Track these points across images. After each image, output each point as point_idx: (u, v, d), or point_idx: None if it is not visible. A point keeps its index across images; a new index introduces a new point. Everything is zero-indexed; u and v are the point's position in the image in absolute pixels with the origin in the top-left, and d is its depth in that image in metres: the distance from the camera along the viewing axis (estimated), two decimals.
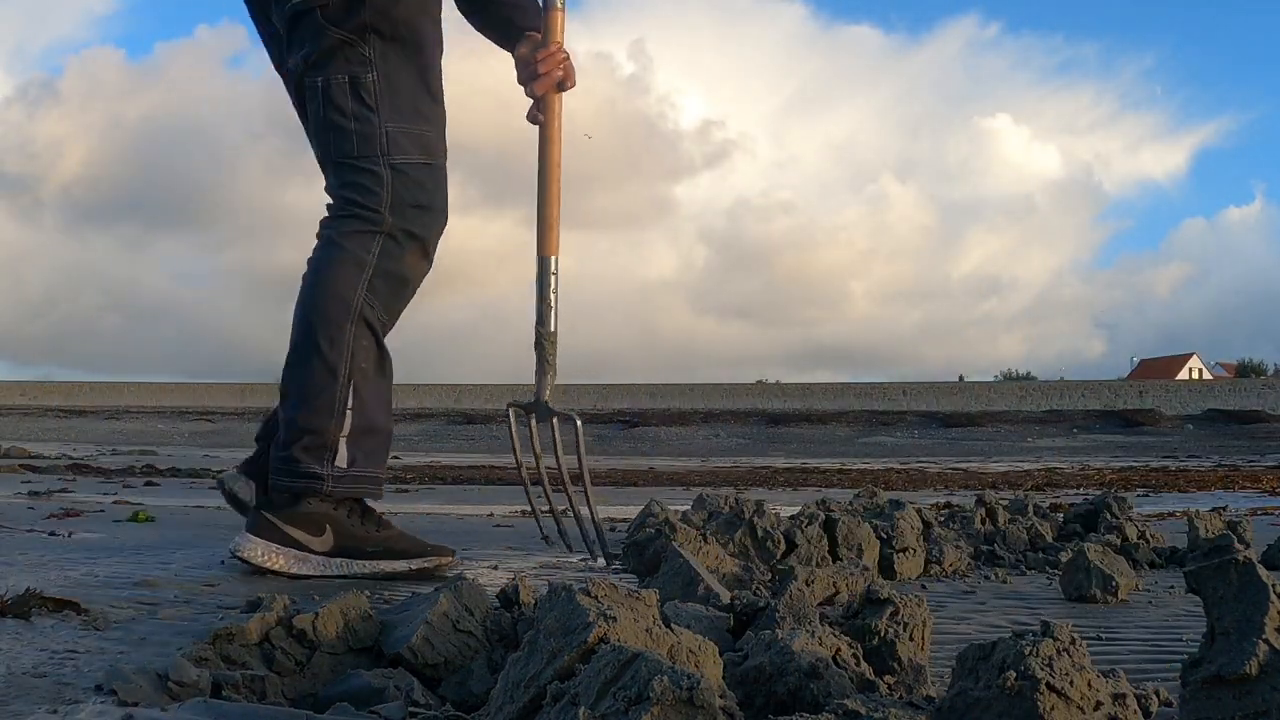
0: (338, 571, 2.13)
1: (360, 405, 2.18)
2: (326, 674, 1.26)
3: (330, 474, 2.14)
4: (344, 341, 2.15)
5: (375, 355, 2.21)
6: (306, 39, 2.18)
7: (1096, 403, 20.81)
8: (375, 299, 2.18)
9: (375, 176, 2.16)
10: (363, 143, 2.17)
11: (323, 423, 2.14)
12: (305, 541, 2.12)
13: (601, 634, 0.96)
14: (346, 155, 2.18)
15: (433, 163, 2.23)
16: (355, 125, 2.17)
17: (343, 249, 2.17)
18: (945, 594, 2.15)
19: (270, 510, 2.14)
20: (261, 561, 2.09)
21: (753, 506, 2.38)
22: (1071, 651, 0.88)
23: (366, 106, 2.16)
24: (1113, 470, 8.92)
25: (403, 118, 2.18)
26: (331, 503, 2.15)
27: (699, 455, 15.77)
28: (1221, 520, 2.81)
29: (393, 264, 2.19)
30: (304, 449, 2.14)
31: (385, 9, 2.15)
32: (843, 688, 1.03)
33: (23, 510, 3.61)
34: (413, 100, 2.20)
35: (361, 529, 2.19)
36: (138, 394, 26.90)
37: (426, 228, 2.22)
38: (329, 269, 2.17)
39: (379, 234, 2.17)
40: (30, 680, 1.20)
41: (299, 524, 2.13)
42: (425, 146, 2.22)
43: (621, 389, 23.63)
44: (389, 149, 2.17)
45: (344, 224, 2.19)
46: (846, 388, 23.59)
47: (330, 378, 2.15)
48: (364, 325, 2.17)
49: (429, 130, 2.23)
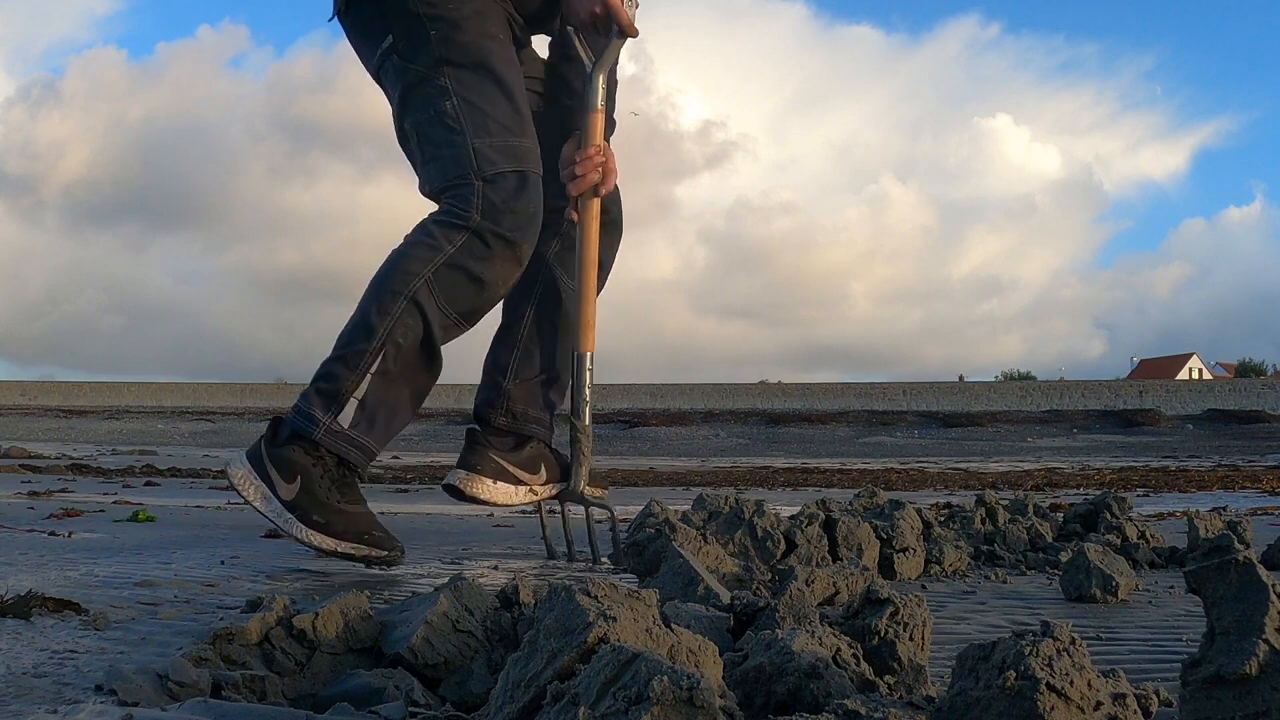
0: (283, 525, 2.15)
1: (383, 376, 2.21)
2: (326, 674, 1.26)
3: (327, 424, 2.18)
4: (391, 312, 2.21)
5: (419, 340, 2.23)
6: (393, 82, 2.32)
7: (1096, 403, 20.81)
8: (438, 288, 2.22)
9: (469, 188, 2.23)
10: (454, 165, 2.25)
11: (342, 372, 2.20)
12: (275, 482, 2.17)
13: (601, 634, 0.96)
14: (446, 179, 2.26)
15: (524, 170, 2.27)
16: (447, 151, 2.26)
17: (427, 231, 2.25)
18: (945, 594, 2.15)
19: (267, 444, 2.22)
20: (239, 484, 2.19)
21: (753, 506, 2.38)
22: (1071, 651, 0.88)
23: (453, 131, 2.24)
24: (1113, 470, 8.92)
25: (488, 134, 2.25)
26: (314, 457, 2.18)
27: (699, 455, 15.77)
28: (1221, 520, 2.81)
29: (473, 262, 2.23)
30: (317, 391, 2.21)
31: (449, 38, 2.25)
32: (843, 688, 1.03)
33: (23, 510, 3.61)
34: (495, 116, 2.26)
35: (325, 494, 2.18)
36: (138, 394, 26.90)
37: (518, 230, 2.25)
38: (408, 246, 2.26)
39: (467, 230, 2.23)
40: (30, 680, 1.20)
41: (277, 465, 2.18)
42: (515, 156, 2.27)
43: (621, 389, 23.62)
44: (479, 165, 2.24)
45: (437, 216, 2.27)
46: (846, 388, 23.59)
47: (366, 337, 2.21)
48: (414, 306, 2.21)
49: (516, 141, 2.28)
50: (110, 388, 27.60)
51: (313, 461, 2.18)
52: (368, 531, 2.20)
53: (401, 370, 2.23)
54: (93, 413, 23.76)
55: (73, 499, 4.34)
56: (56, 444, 15.30)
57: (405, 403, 2.27)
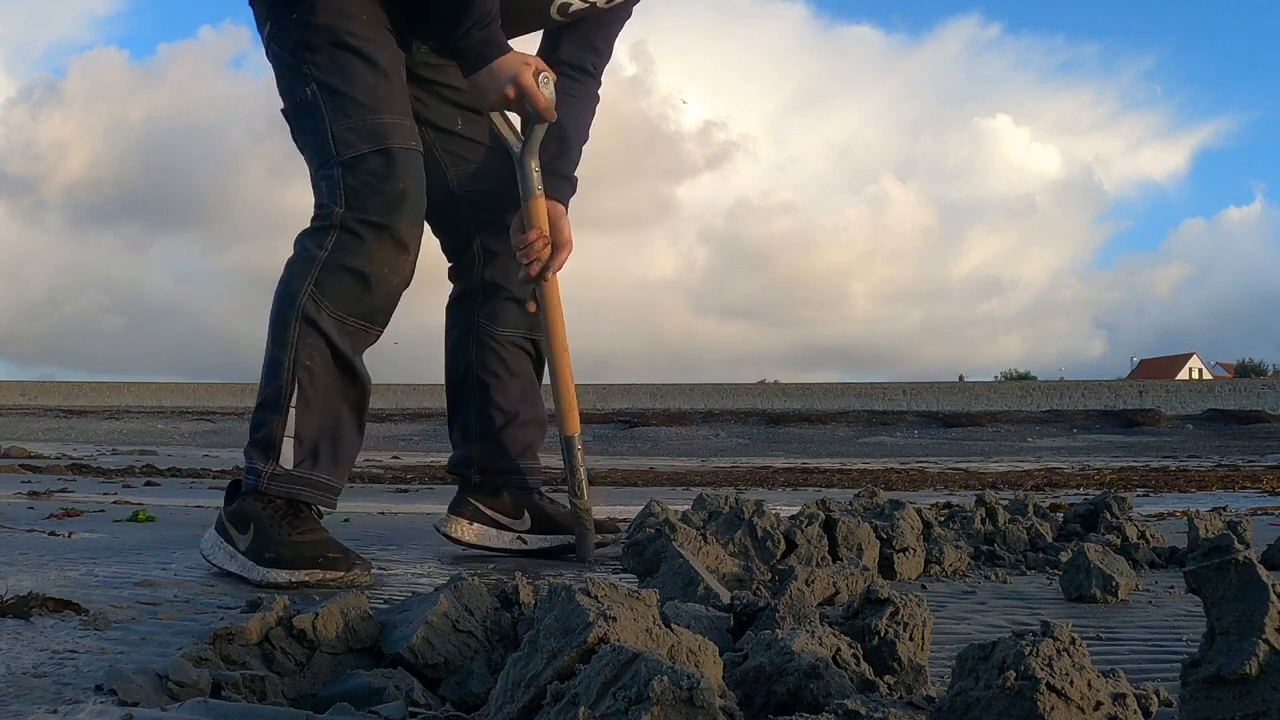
0: (247, 575, 2.07)
1: (307, 405, 2.13)
2: (326, 674, 1.26)
3: (269, 471, 2.12)
4: (289, 340, 2.14)
5: (328, 358, 2.15)
6: (274, 70, 2.27)
7: (1096, 403, 20.81)
8: (324, 297, 2.14)
9: (330, 179, 2.17)
10: (319, 152, 2.19)
11: (268, 417, 2.15)
12: (234, 538, 2.13)
13: (601, 634, 0.96)
14: (314, 171, 2.21)
15: (387, 148, 2.17)
16: (313, 139, 2.20)
17: (299, 245, 2.20)
18: (945, 594, 2.15)
19: (224, 508, 2.20)
20: (206, 553, 2.17)
21: (753, 506, 2.38)
22: (1071, 651, 0.88)
23: (315, 118, 2.19)
24: (1113, 470, 8.92)
25: (346, 115, 2.17)
26: (262, 502, 2.12)
27: (699, 455, 15.76)
28: (1221, 520, 2.81)
29: (350, 258, 2.14)
30: (252, 445, 2.17)
31: (308, 21, 2.19)
32: (843, 688, 1.03)
33: (23, 510, 3.61)
34: (354, 96, 2.17)
35: (277, 532, 2.09)
36: (138, 394, 26.90)
37: (388, 213, 2.14)
38: (286, 268, 2.20)
39: (333, 228, 2.15)
40: (30, 680, 1.20)
41: (232, 521, 2.15)
42: (375, 135, 2.17)
43: (621, 389, 23.62)
44: (337, 149, 2.16)
45: (306, 229, 2.21)
46: (846, 388, 23.59)
47: (275, 374, 2.15)
48: (309, 325, 2.13)
49: (376, 119, 2.18)
50: (110, 388, 27.60)
51: (263, 506, 2.12)
52: (322, 555, 2.08)
53: (324, 395, 2.15)
54: (93, 413, 23.76)
55: (73, 499, 4.34)
56: (56, 444, 15.30)
57: (344, 426, 2.19)
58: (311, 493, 2.14)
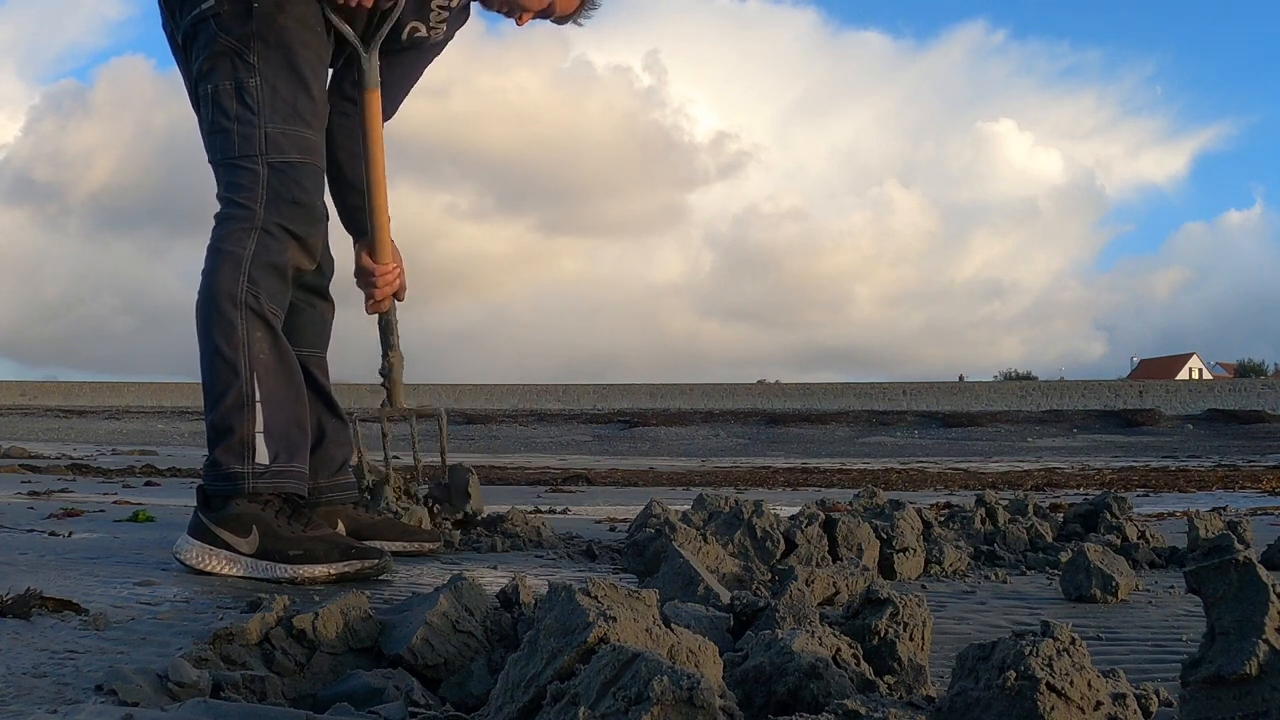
0: (264, 574, 2.09)
1: (269, 397, 2.17)
2: (326, 674, 1.26)
3: (250, 471, 2.14)
4: (238, 336, 2.17)
5: (273, 346, 2.20)
6: (202, 46, 2.26)
7: (1096, 403, 20.82)
8: (258, 289, 2.18)
9: (253, 174, 2.20)
10: (243, 143, 2.21)
11: (234, 419, 2.15)
12: (233, 543, 2.12)
13: (601, 634, 0.96)
14: (228, 155, 2.22)
15: (310, 163, 2.24)
16: (237, 127, 2.22)
17: (220, 251, 2.21)
18: (945, 594, 2.15)
19: (205, 512, 2.17)
20: (197, 563, 2.13)
21: (752, 506, 2.38)
22: (1071, 651, 0.88)
23: (249, 109, 2.21)
24: (1113, 470, 8.92)
25: (282, 119, 2.22)
26: (259, 502, 2.14)
27: (699, 455, 15.76)
28: (1221, 520, 2.81)
29: (272, 256, 2.20)
30: (224, 450, 2.16)
31: (270, 17, 2.21)
32: (843, 688, 1.03)
33: (23, 510, 3.61)
34: (293, 104, 2.23)
35: (288, 529, 2.13)
36: (138, 394, 26.91)
37: (304, 225, 2.23)
38: (211, 273, 2.20)
39: (254, 230, 2.19)
40: (30, 680, 1.20)
41: (228, 526, 2.13)
42: (305, 147, 2.24)
43: (622, 389, 23.63)
44: (267, 148, 2.20)
45: (222, 227, 2.22)
46: (847, 388, 23.60)
47: (233, 374, 2.16)
48: (253, 315, 2.18)
49: (308, 134, 2.25)
50: (110, 388, 27.61)
51: (260, 507, 2.14)
52: (351, 546, 2.15)
53: (278, 384, 2.20)
54: (93, 413, 23.76)
55: (73, 499, 4.34)
56: (56, 444, 15.30)
57: (299, 411, 2.24)
58: (296, 483, 2.19)
